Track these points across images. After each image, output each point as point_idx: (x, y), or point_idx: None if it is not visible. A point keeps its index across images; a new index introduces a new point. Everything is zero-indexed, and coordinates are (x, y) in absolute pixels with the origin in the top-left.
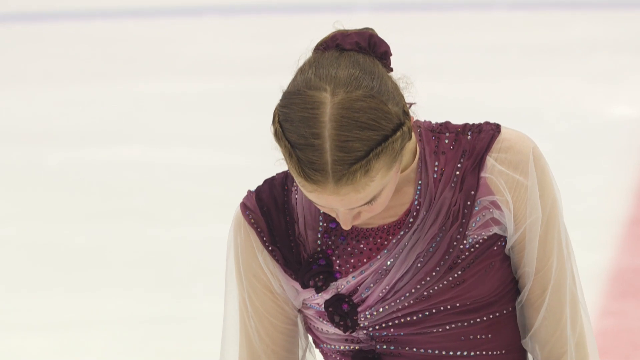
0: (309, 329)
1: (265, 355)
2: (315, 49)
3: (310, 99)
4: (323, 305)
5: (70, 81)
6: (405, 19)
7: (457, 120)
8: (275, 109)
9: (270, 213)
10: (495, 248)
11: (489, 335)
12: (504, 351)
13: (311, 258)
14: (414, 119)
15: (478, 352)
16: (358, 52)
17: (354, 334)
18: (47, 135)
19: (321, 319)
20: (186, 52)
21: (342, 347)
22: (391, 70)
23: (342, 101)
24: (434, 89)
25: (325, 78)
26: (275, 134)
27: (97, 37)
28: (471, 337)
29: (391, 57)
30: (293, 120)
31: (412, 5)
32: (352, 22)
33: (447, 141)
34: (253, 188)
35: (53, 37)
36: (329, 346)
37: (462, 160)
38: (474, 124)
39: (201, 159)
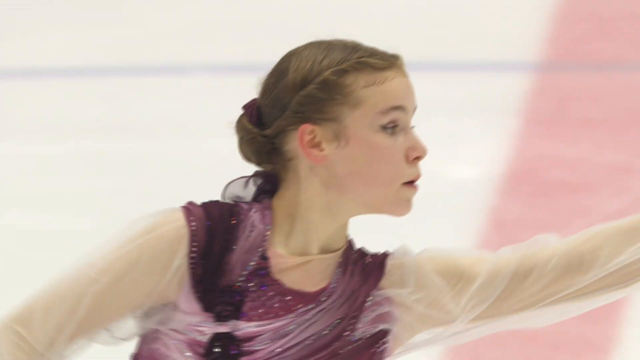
0: (149, 349)
1: (62, 336)
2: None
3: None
4: (208, 336)
5: None
6: None
7: None
8: (318, 80)
9: (214, 234)
10: (373, 350)
11: None
12: None
13: (228, 288)
14: None
15: None
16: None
17: None
18: None
19: (184, 349)
20: (23, 113)
21: None
22: None
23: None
24: None
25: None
26: (337, 79)
27: None
28: None
29: None
30: (332, 61)
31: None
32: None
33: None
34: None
35: None
36: None
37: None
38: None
39: (37, 223)
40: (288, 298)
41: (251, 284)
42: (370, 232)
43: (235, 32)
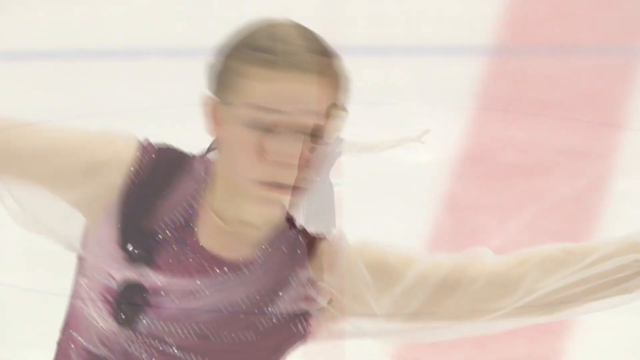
0: (72, 305)
1: None
2: None
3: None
4: (117, 283)
5: None
6: None
7: None
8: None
9: (157, 172)
10: (292, 329)
11: None
12: None
13: (148, 231)
14: None
15: None
16: None
17: (120, 333)
18: None
19: (96, 299)
20: None
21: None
22: None
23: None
24: None
25: None
26: (227, 61)
27: None
28: None
29: None
30: (241, 43)
31: None
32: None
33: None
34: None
35: None
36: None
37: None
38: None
39: None
40: (204, 260)
41: (171, 235)
42: None
43: (189, 15)
